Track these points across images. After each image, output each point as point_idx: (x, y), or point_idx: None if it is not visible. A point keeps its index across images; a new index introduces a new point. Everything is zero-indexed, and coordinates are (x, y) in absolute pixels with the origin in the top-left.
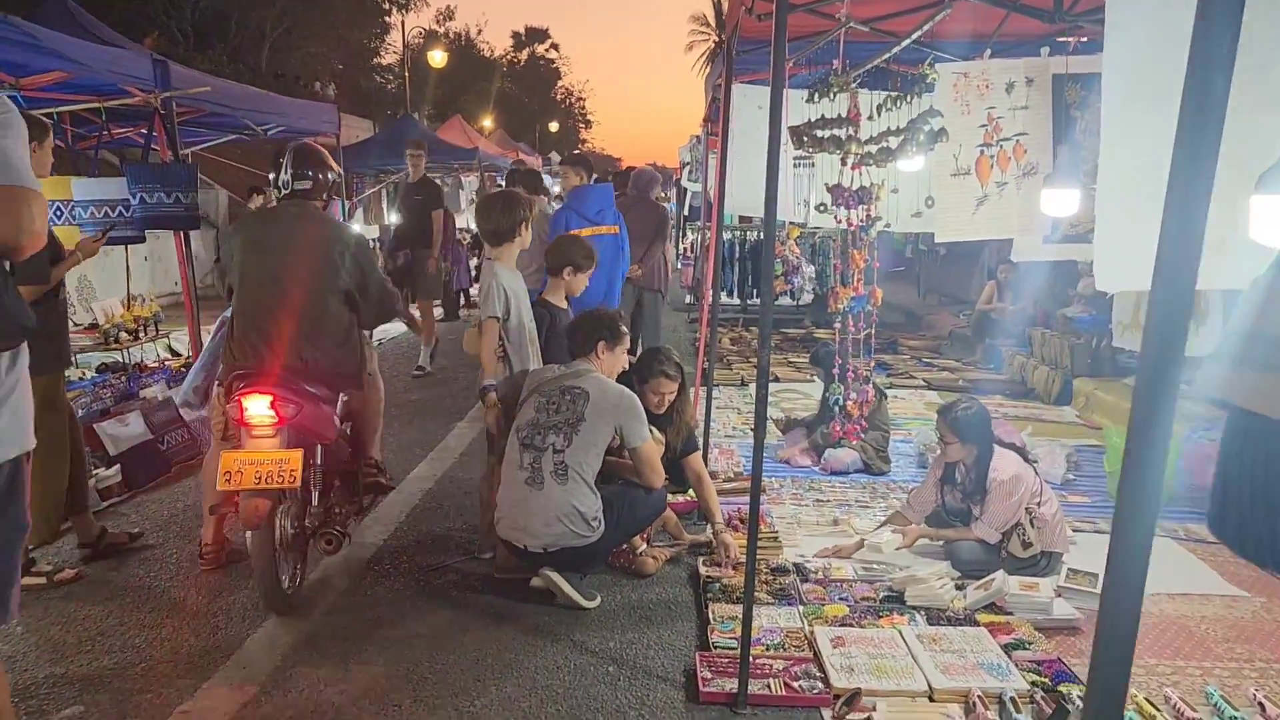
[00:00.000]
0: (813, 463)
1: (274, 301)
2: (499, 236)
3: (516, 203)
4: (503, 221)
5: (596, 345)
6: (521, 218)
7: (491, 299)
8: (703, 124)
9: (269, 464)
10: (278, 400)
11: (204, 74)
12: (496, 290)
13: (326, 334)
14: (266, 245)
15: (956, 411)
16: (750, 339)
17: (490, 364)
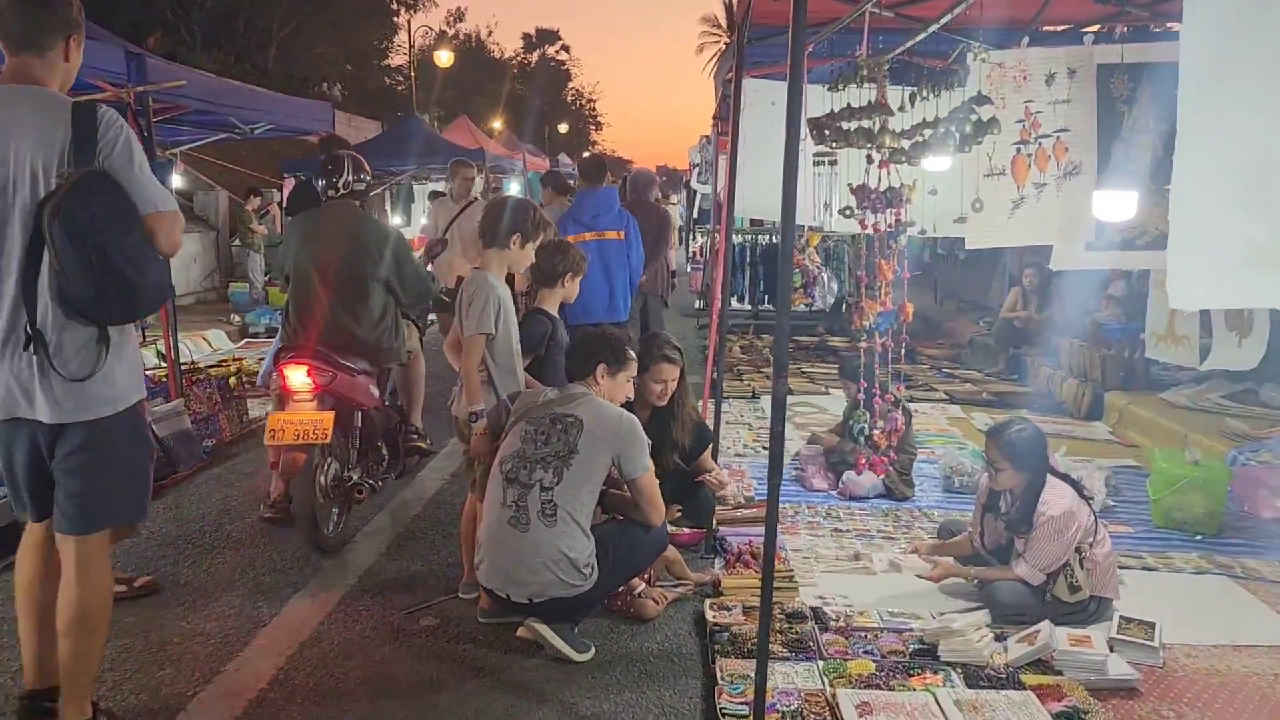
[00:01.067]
0: (830, 486)
1: (319, 287)
2: (490, 240)
3: (518, 210)
4: (499, 226)
5: (595, 369)
6: (515, 228)
7: (486, 314)
8: (713, 122)
9: (305, 423)
10: (313, 369)
11: (184, 68)
12: (492, 304)
13: (366, 315)
14: (314, 240)
15: (1009, 434)
16: (763, 347)
17: (477, 388)
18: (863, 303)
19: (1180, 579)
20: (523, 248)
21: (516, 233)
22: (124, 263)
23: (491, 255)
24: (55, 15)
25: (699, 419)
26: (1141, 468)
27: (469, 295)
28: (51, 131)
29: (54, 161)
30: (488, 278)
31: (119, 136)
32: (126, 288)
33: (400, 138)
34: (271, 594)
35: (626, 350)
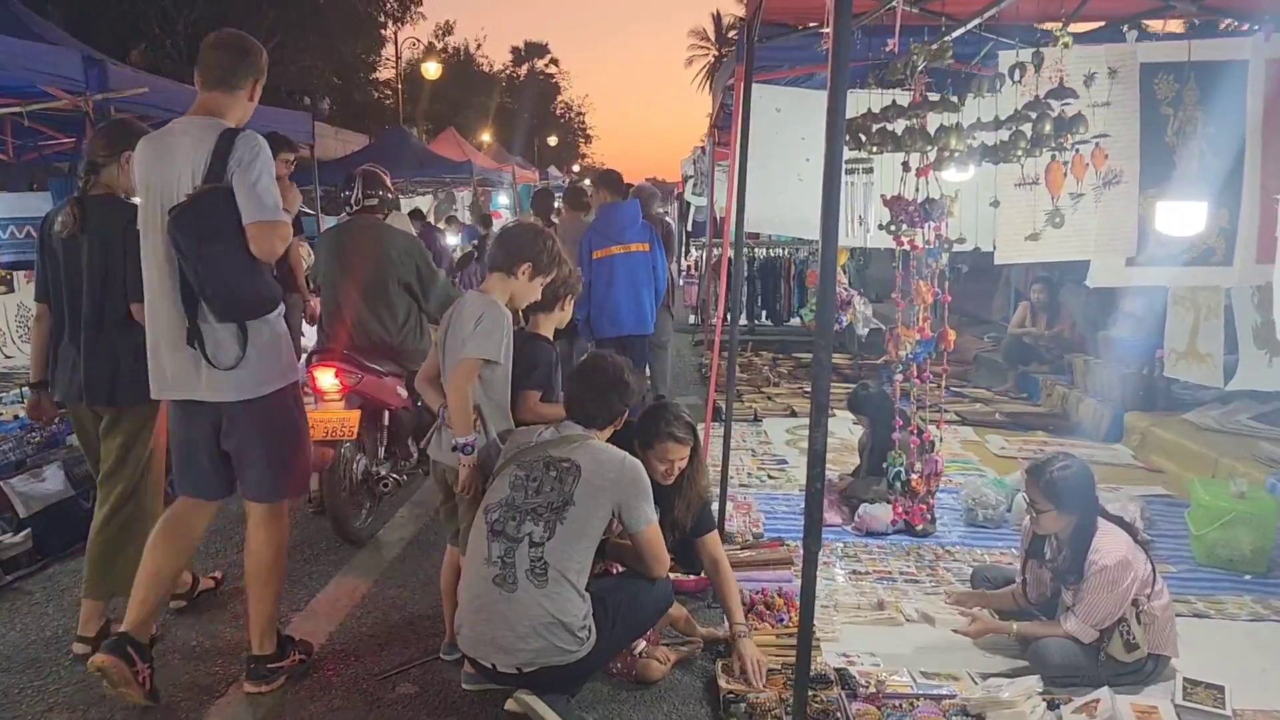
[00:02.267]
0: (844, 520)
1: (346, 295)
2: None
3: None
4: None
5: (611, 422)
6: (528, 258)
7: (494, 338)
8: (709, 132)
9: (333, 421)
10: (340, 371)
11: (150, 75)
12: (502, 330)
13: (390, 319)
14: (340, 252)
15: (1052, 472)
16: (761, 365)
17: (469, 415)
18: (898, 329)
19: (1236, 628)
20: (530, 280)
21: (528, 263)
22: (217, 268)
23: (496, 280)
24: (249, 61)
25: (707, 499)
26: (1173, 496)
27: (471, 315)
28: (198, 153)
29: (194, 179)
30: (497, 301)
31: (245, 155)
32: (222, 289)
33: (386, 150)
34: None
35: (629, 386)
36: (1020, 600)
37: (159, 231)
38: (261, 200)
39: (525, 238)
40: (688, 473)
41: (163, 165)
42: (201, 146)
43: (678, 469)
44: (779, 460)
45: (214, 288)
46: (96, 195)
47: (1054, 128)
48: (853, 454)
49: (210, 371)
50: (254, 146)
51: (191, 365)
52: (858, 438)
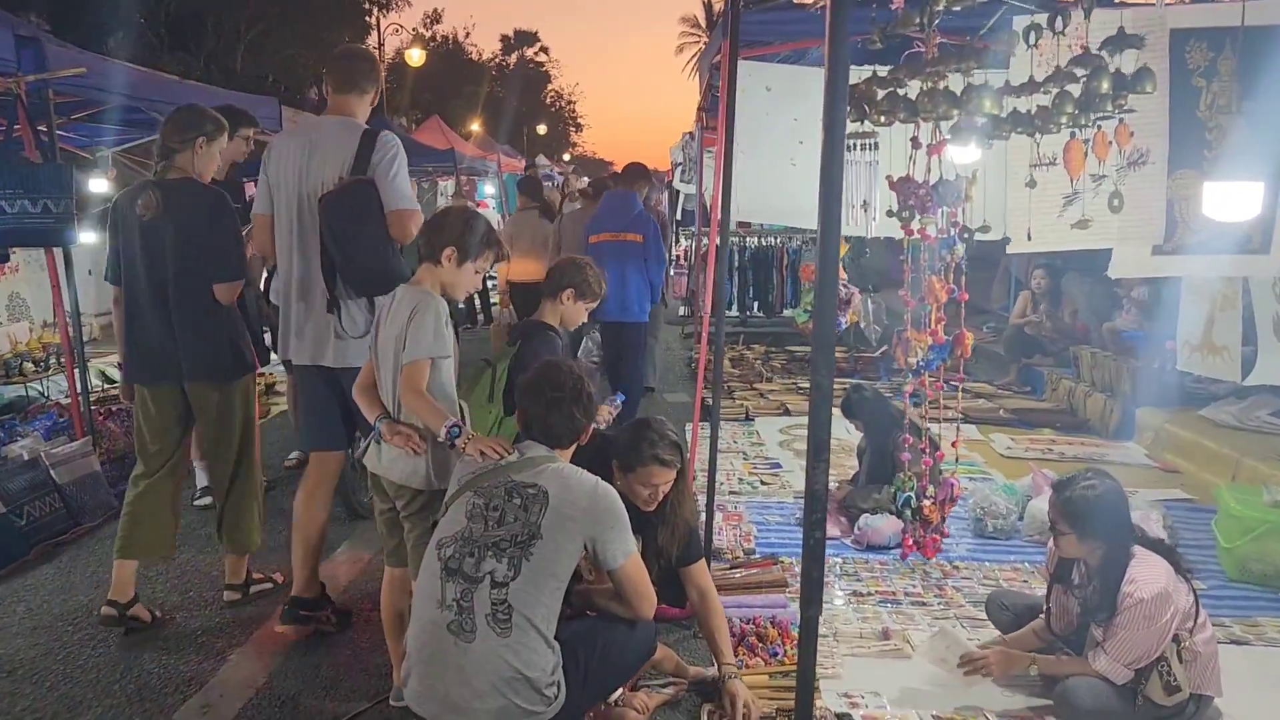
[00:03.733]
0: (842, 533)
1: None
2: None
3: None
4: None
5: (576, 439)
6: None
7: (441, 334)
8: (697, 116)
9: None
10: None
11: (97, 56)
12: (445, 323)
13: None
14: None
15: (1073, 491)
16: (754, 359)
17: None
18: (907, 333)
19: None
20: (459, 266)
21: (452, 248)
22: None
23: (424, 270)
24: (372, 69)
25: (693, 524)
26: (1195, 501)
27: (402, 314)
28: (344, 150)
29: (340, 171)
30: (428, 292)
31: (386, 154)
32: (363, 266)
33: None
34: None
35: (588, 395)
36: (1043, 635)
37: (299, 214)
38: (401, 191)
39: (448, 222)
40: (672, 497)
41: (312, 158)
42: (347, 143)
43: (662, 494)
44: (772, 464)
45: (356, 265)
46: (174, 179)
47: (1113, 85)
48: (851, 456)
49: (338, 340)
50: (392, 146)
51: (326, 333)
52: (857, 441)
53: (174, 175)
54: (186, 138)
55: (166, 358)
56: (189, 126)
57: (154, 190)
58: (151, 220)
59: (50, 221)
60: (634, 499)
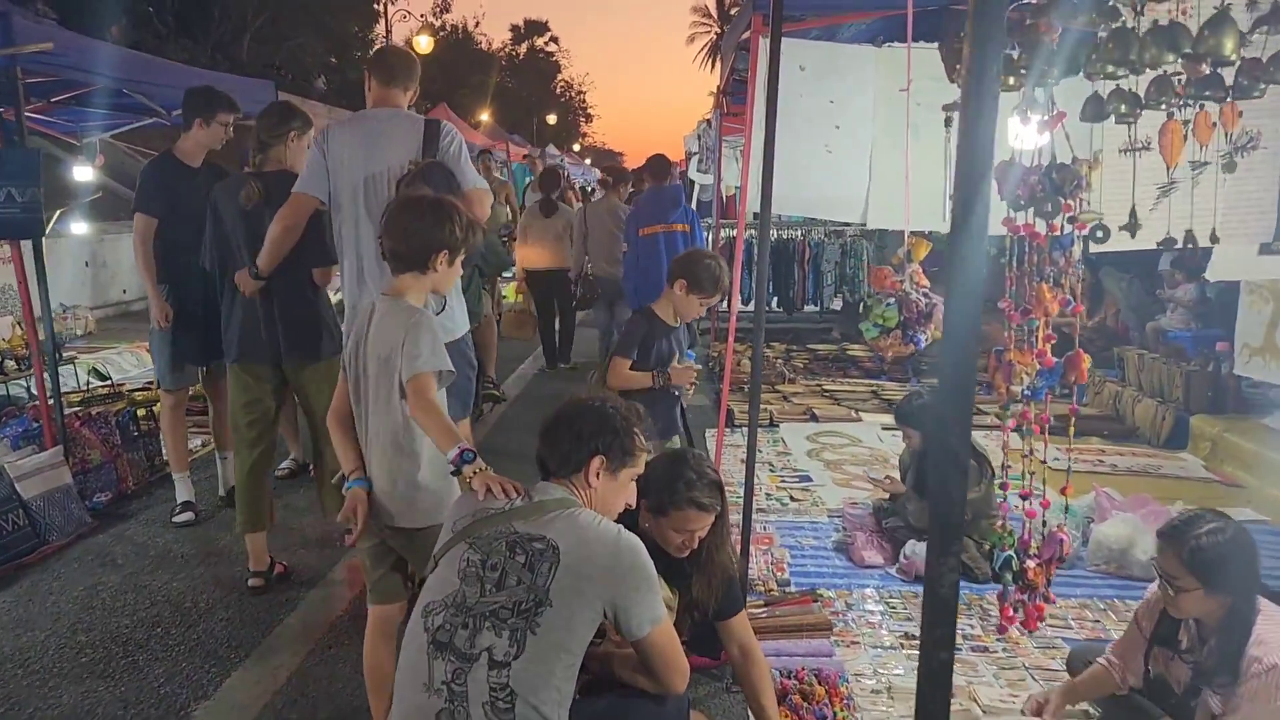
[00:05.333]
0: (886, 560)
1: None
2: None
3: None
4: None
5: (589, 462)
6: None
7: (439, 347)
8: (715, 103)
9: None
10: None
11: (79, 36)
12: (440, 336)
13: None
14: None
15: (1198, 539)
16: (774, 358)
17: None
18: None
19: None
20: (450, 265)
21: (444, 250)
22: None
23: (410, 280)
24: (412, 67)
25: (732, 573)
26: (1269, 522)
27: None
28: (411, 137)
29: (410, 157)
30: (414, 307)
31: (453, 140)
32: None
33: None
34: None
35: (635, 434)
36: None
37: (365, 198)
38: (473, 173)
39: (428, 222)
40: (709, 542)
41: (375, 145)
42: (412, 132)
43: (698, 540)
44: (801, 476)
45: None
46: (272, 171)
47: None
48: (888, 468)
49: None
50: (455, 133)
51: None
52: (899, 454)
53: (271, 167)
54: (279, 132)
55: (266, 338)
56: (282, 122)
57: (255, 181)
58: (253, 209)
59: (14, 212)
60: (665, 545)
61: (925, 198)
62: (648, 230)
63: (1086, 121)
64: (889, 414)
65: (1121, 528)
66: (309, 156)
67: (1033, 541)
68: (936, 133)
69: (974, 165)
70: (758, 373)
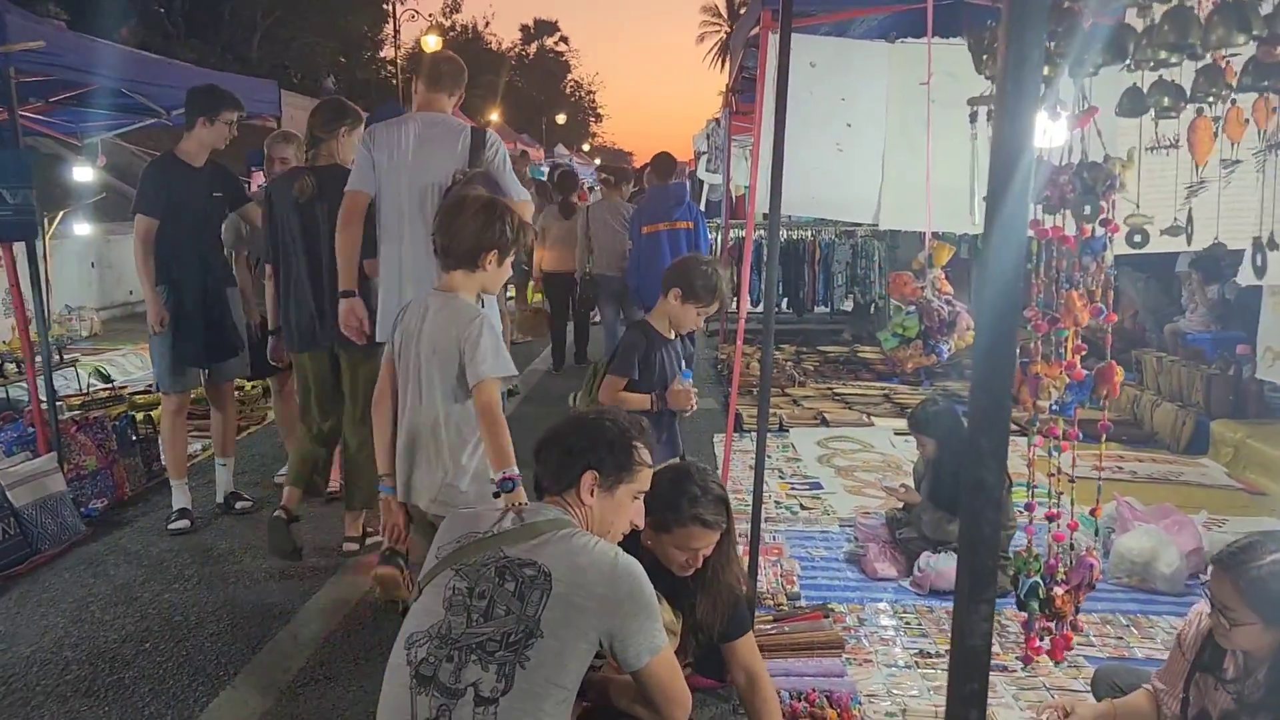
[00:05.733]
0: (900, 572)
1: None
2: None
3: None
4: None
5: (580, 478)
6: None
7: (503, 351)
8: (724, 102)
9: None
10: None
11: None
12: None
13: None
14: None
15: (1260, 569)
16: (784, 360)
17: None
18: (1036, 366)
19: None
20: (500, 265)
21: (493, 250)
22: None
23: (460, 278)
24: (460, 73)
25: (739, 593)
26: None
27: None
28: (457, 145)
29: (456, 164)
30: (471, 305)
31: (497, 150)
32: None
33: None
34: None
35: (635, 450)
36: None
37: (411, 201)
38: (517, 184)
39: (480, 222)
40: (715, 560)
41: (422, 149)
42: (459, 140)
43: (703, 558)
44: (812, 484)
45: None
46: (324, 165)
47: None
48: (901, 475)
49: None
50: (499, 143)
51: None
52: (912, 461)
53: (323, 161)
54: (332, 128)
55: (322, 325)
56: (334, 118)
57: (308, 175)
58: (307, 202)
59: (6, 214)
60: (668, 563)
61: (944, 198)
62: (650, 228)
63: (1123, 116)
64: (902, 419)
65: (1144, 539)
66: (357, 155)
67: (1060, 566)
68: (955, 131)
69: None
70: (767, 377)
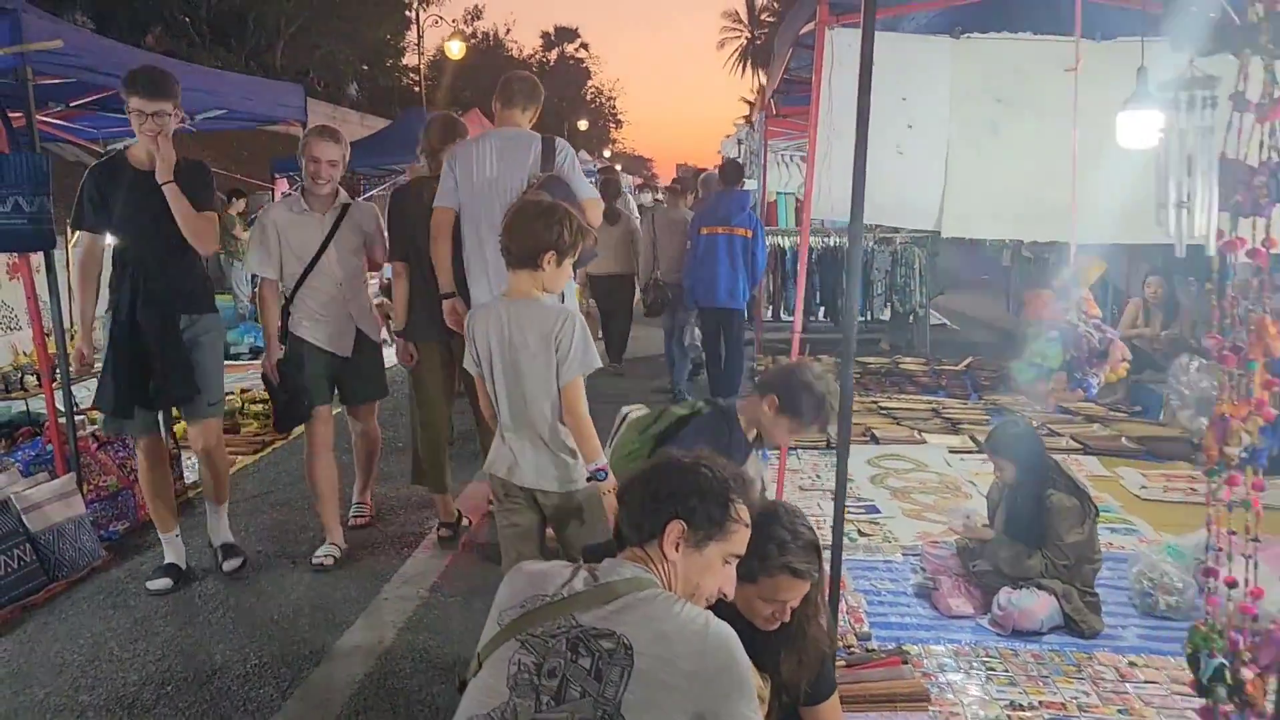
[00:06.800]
0: (976, 608)
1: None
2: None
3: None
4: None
5: (665, 528)
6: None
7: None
8: (760, 105)
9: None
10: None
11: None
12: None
13: None
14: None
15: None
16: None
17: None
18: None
19: None
20: (559, 266)
21: (551, 251)
22: None
23: (523, 277)
24: (534, 90)
25: (825, 649)
26: None
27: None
28: (530, 153)
29: (529, 170)
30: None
31: (566, 155)
32: None
33: (405, 133)
34: None
35: (733, 505)
36: None
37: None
38: (587, 185)
39: (538, 226)
40: (802, 611)
41: (502, 161)
42: (531, 148)
43: (790, 611)
44: (868, 506)
45: None
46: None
47: None
48: (959, 496)
49: None
50: (568, 149)
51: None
52: (966, 477)
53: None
54: (449, 140)
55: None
56: (449, 132)
57: (436, 184)
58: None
59: (21, 222)
60: (750, 615)
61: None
62: (709, 230)
63: None
64: (953, 434)
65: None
66: (443, 174)
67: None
68: (1021, 130)
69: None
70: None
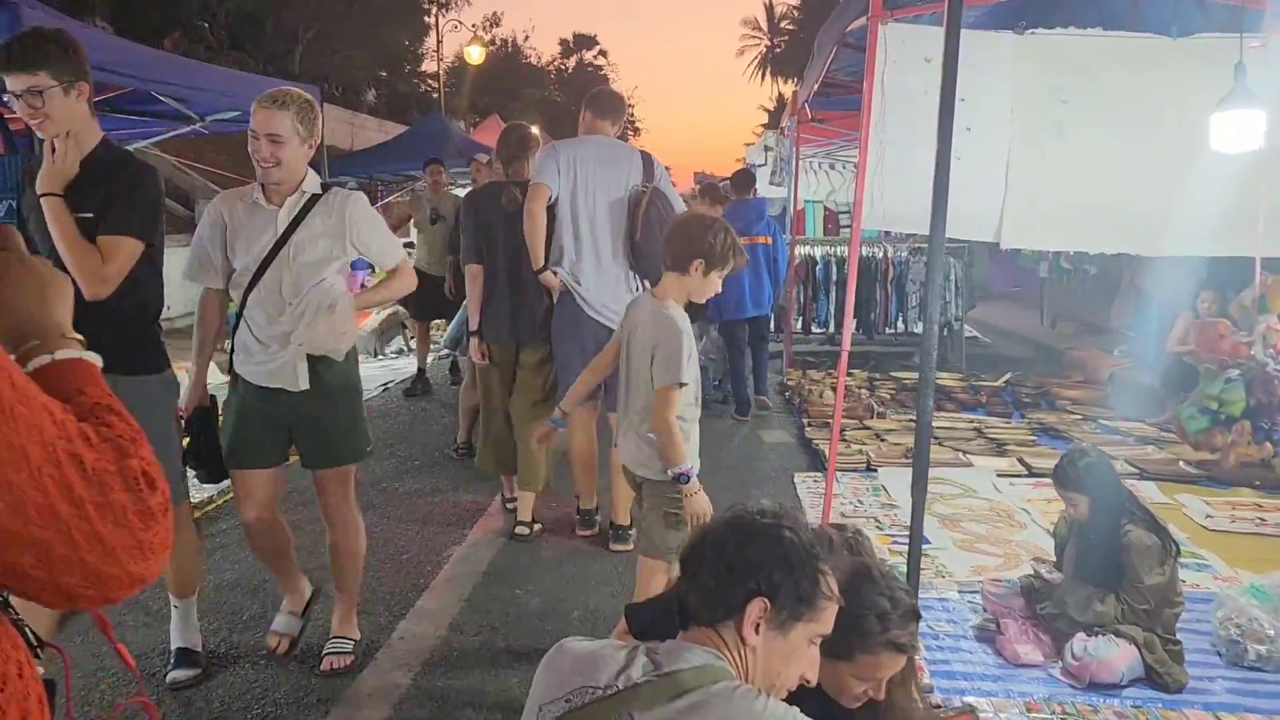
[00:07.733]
0: (1047, 656)
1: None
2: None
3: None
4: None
5: (745, 607)
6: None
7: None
8: (791, 110)
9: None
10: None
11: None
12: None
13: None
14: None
15: None
16: (856, 388)
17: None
18: None
19: None
20: (705, 275)
21: (701, 259)
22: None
23: (672, 281)
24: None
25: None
26: None
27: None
28: (632, 166)
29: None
30: (671, 315)
31: (663, 172)
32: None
33: (424, 138)
34: None
35: (822, 577)
36: None
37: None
38: (679, 199)
39: (694, 233)
40: (894, 685)
41: (608, 168)
42: (633, 160)
43: (882, 688)
44: None
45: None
46: (523, 181)
47: None
48: (1011, 525)
49: None
50: (661, 166)
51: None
52: (1053, 524)
53: (516, 178)
54: (523, 149)
55: (512, 321)
56: (523, 144)
57: (514, 188)
58: (515, 211)
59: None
60: (835, 694)
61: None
62: None
63: None
64: (1000, 456)
65: None
66: (543, 160)
67: None
68: (1091, 133)
69: None
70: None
